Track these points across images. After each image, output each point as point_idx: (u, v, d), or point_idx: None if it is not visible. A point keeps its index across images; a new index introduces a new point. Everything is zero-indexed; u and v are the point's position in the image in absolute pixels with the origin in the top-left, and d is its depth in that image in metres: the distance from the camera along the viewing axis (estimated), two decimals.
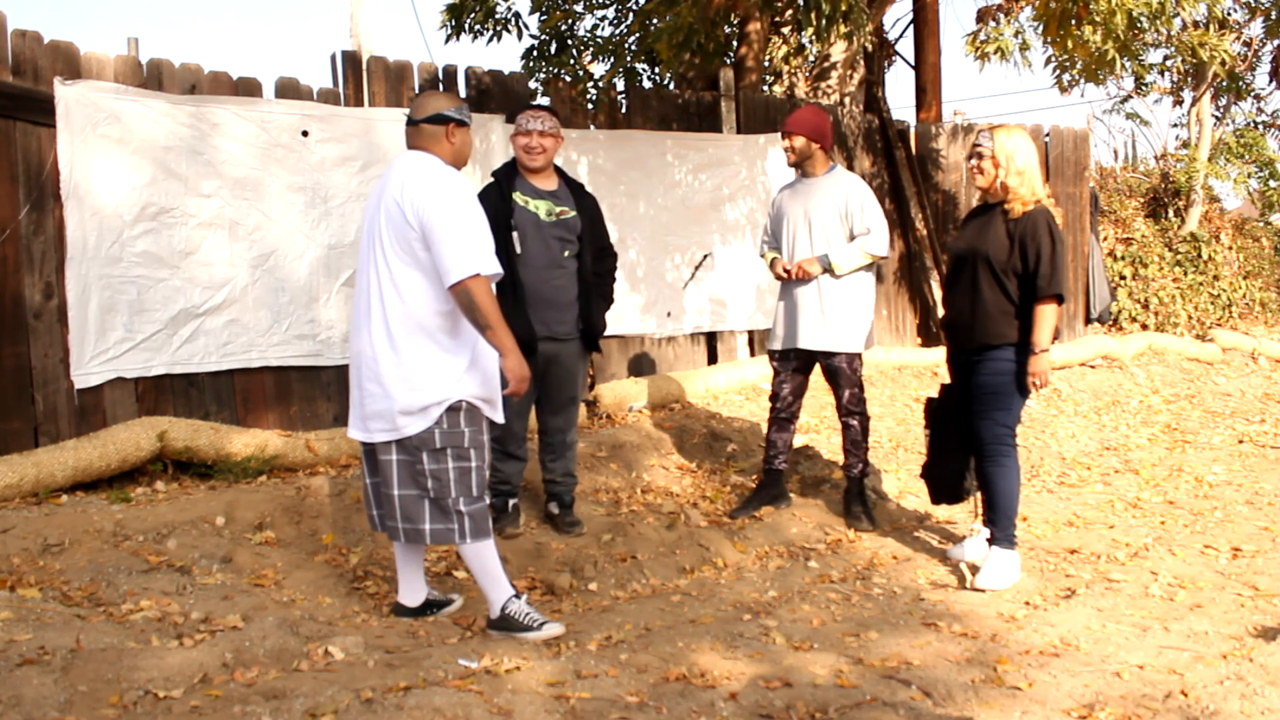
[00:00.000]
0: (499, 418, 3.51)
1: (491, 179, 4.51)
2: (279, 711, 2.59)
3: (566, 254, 4.45)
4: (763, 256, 5.17)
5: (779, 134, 7.35)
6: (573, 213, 4.48)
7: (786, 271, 4.89)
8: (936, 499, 4.62)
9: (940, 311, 4.64)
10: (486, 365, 3.43)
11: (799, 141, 4.88)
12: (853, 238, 4.86)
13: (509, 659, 3.07)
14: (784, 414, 5.02)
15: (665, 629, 3.58)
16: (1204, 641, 3.47)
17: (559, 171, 4.55)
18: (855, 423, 4.92)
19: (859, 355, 4.90)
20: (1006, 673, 3.19)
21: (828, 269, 4.81)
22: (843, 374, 4.87)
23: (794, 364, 4.96)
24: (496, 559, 3.46)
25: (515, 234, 4.33)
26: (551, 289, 4.40)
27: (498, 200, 4.36)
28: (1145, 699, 2.98)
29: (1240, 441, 7.09)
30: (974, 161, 4.26)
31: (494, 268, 3.28)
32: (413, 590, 3.66)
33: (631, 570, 4.32)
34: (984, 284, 4.18)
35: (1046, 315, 4.10)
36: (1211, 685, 3.02)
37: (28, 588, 3.47)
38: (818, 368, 4.99)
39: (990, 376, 4.19)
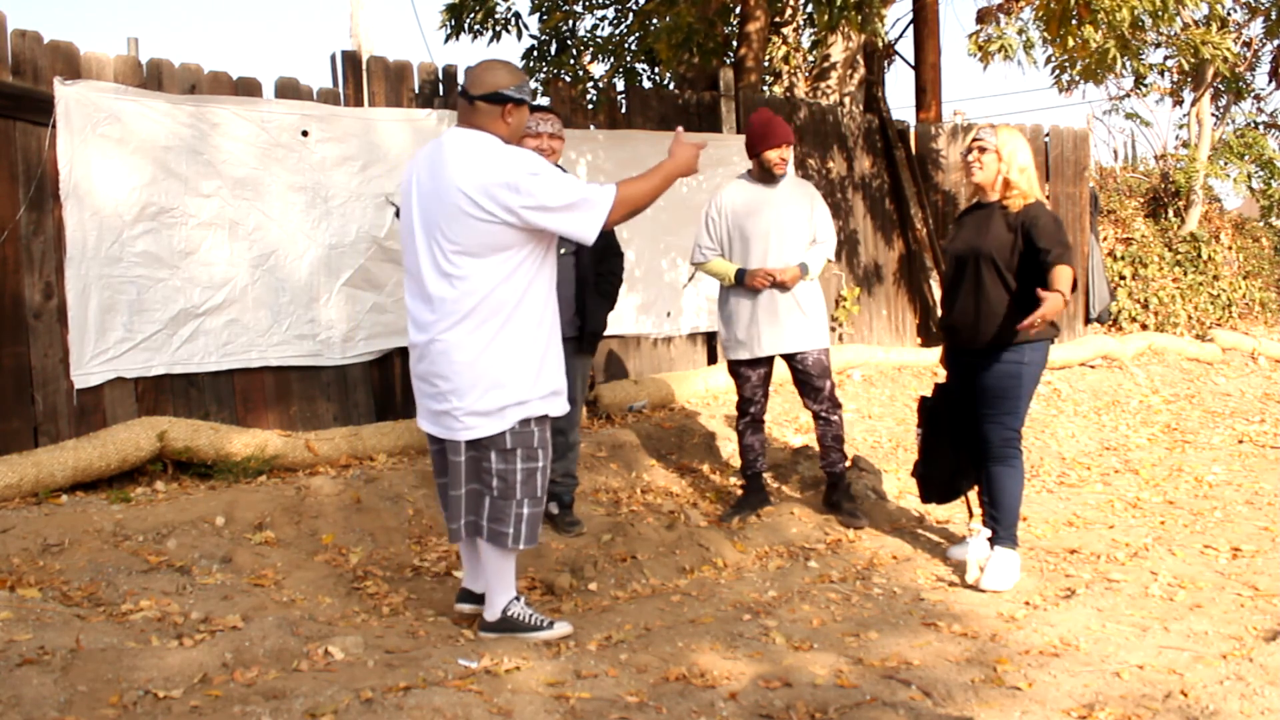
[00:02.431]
0: (564, 408, 3.36)
1: None
2: (279, 711, 2.59)
3: (563, 251, 4.44)
4: (700, 265, 4.96)
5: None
6: None
7: (765, 280, 4.76)
8: (927, 498, 4.62)
9: (939, 312, 4.66)
10: (557, 354, 3.31)
11: (789, 151, 4.89)
12: (813, 241, 4.92)
13: (509, 659, 3.07)
14: (759, 418, 5.02)
15: (665, 629, 3.58)
16: (1204, 641, 3.47)
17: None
18: (836, 417, 4.95)
19: (829, 348, 4.97)
20: (1006, 673, 3.19)
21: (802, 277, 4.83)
22: (821, 365, 4.89)
23: (764, 369, 4.96)
24: (514, 564, 3.43)
25: None
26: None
27: None
28: (1145, 699, 2.98)
29: (1240, 441, 7.09)
30: (974, 155, 4.22)
31: (608, 198, 3.12)
32: (479, 575, 3.53)
33: (631, 570, 4.32)
34: (988, 283, 4.15)
35: (1063, 274, 3.87)
36: (1211, 685, 3.03)
37: (28, 588, 3.47)
38: (783, 368, 5.03)
39: (997, 379, 4.17)
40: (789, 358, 4.90)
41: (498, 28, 6.83)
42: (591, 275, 4.54)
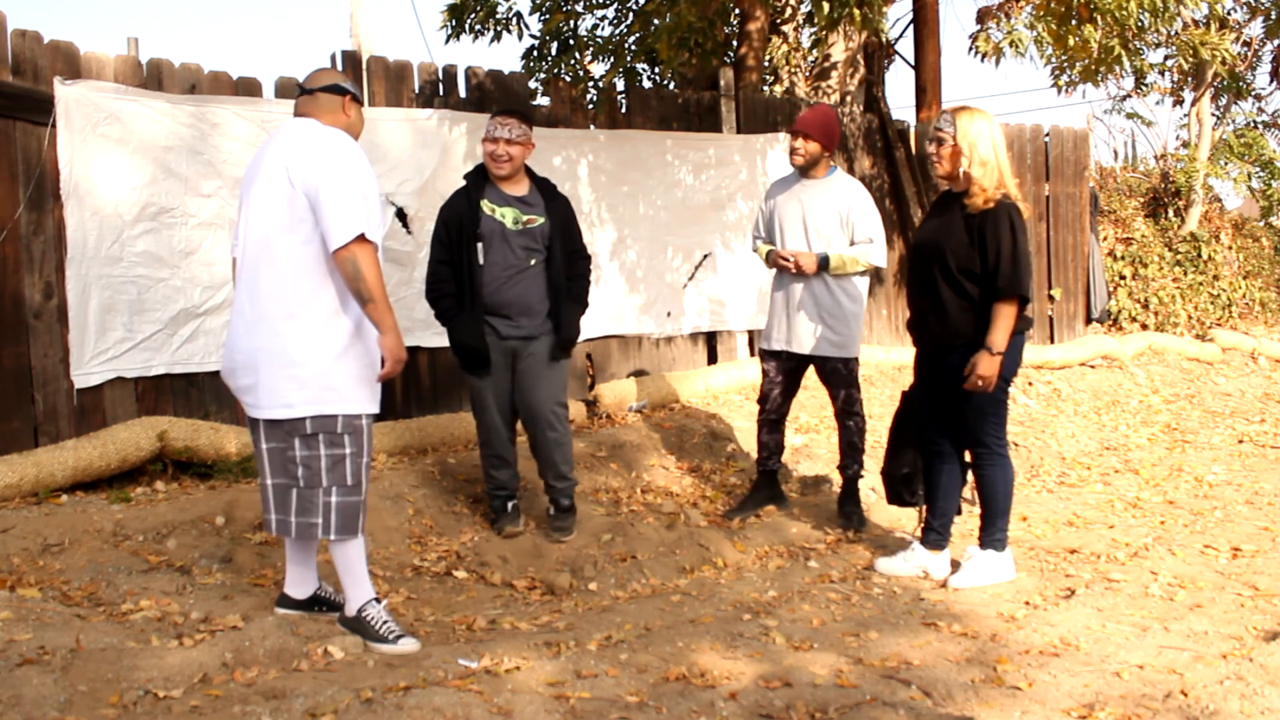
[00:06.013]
0: (375, 408, 3.26)
1: (463, 183, 4.49)
2: (279, 711, 2.59)
3: (533, 262, 4.40)
4: (756, 251, 5.11)
5: (779, 133, 7.39)
6: (540, 219, 4.42)
7: (784, 259, 4.77)
8: (890, 499, 4.53)
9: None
10: (369, 346, 3.22)
11: (812, 146, 4.79)
12: (851, 244, 4.84)
13: (509, 659, 3.07)
14: (774, 415, 5.00)
15: (665, 629, 3.58)
16: (1204, 641, 3.47)
17: (529, 173, 4.53)
18: (852, 424, 4.92)
19: (856, 358, 4.90)
20: (1006, 673, 3.19)
21: (824, 268, 4.76)
22: (839, 376, 4.87)
23: (787, 364, 4.93)
24: (364, 558, 3.29)
25: (480, 244, 4.31)
26: (515, 293, 4.35)
27: (465, 207, 4.35)
28: (1145, 699, 2.99)
29: (1240, 441, 7.09)
30: (933, 148, 4.01)
31: (378, 236, 3.11)
32: (300, 582, 3.45)
33: (631, 570, 4.33)
34: (941, 284, 3.99)
35: (1004, 315, 3.87)
36: (1211, 685, 3.03)
37: (28, 588, 3.48)
38: (810, 369, 4.98)
39: (959, 382, 3.99)
40: (815, 362, 4.89)
41: (498, 28, 6.82)
42: (563, 282, 4.47)
